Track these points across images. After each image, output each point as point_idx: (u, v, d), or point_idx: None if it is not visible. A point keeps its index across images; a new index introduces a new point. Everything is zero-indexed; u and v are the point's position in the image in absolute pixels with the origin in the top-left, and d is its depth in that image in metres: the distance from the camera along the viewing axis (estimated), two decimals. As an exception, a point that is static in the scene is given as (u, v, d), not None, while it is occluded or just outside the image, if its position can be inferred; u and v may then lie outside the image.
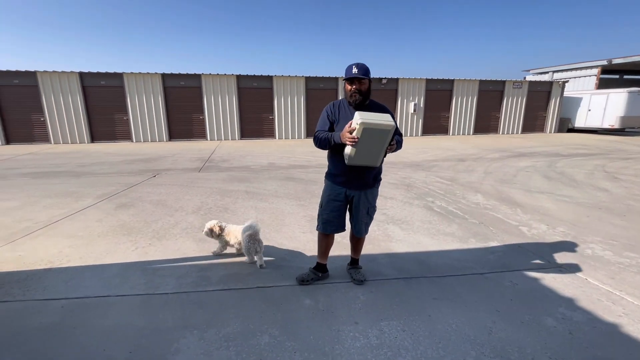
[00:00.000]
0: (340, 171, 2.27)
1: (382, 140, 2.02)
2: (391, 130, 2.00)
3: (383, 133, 1.99)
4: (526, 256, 3.09)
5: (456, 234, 3.64)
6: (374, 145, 2.03)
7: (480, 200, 5.04)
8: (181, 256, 2.98)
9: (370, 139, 1.99)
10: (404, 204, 4.82)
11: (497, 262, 2.96)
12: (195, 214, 4.19)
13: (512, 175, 6.85)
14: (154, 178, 6.60)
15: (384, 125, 1.97)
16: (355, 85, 2.14)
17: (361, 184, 2.30)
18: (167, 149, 11.15)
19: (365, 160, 2.10)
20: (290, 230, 3.63)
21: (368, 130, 1.95)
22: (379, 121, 1.98)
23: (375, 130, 1.96)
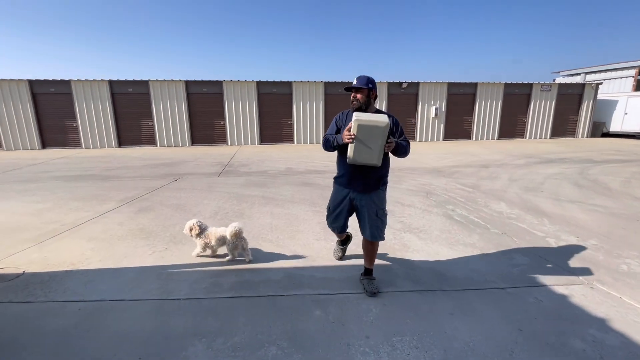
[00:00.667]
0: (343, 172, 2.47)
1: (377, 138, 2.14)
2: (384, 126, 2.12)
3: (377, 130, 2.13)
4: (553, 270, 2.89)
5: (477, 244, 3.47)
6: (370, 142, 2.16)
7: (503, 209, 4.81)
8: (195, 261, 3.01)
9: (367, 136, 2.15)
10: (423, 211, 4.67)
11: (521, 276, 2.79)
12: (212, 218, 4.25)
13: (539, 182, 6.51)
14: (175, 182, 6.78)
15: (377, 122, 2.13)
16: (353, 94, 2.38)
17: (363, 185, 2.40)
18: (189, 153, 11.47)
19: (365, 158, 2.21)
20: (304, 238, 3.60)
21: (362, 127, 2.13)
22: (372, 118, 2.16)
23: (369, 127, 2.13)
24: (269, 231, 3.78)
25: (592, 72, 21.44)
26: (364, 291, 2.53)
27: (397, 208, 4.81)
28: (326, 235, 3.64)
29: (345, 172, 2.44)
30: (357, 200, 2.45)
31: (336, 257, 3.06)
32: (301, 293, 2.53)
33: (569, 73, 23.65)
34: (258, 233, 3.72)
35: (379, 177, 2.43)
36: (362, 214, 2.47)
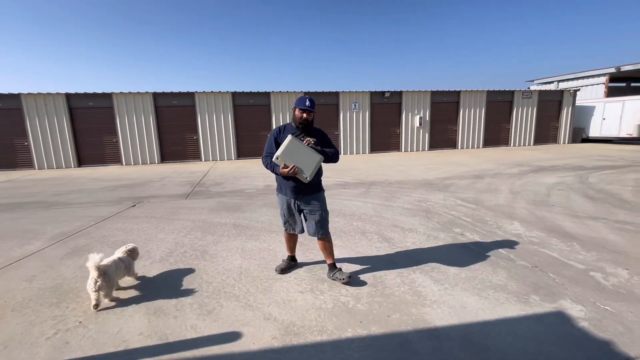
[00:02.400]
0: (278, 183, 2.85)
1: (297, 151, 2.53)
2: (290, 140, 2.52)
3: (290, 146, 2.52)
4: (625, 327, 2.13)
5: (509, 287, 2.68)
6: (298, 157, 2.54)
7: (520, 230, 4.09)
8: (121, 347, 2.03)
9: (292, 156, 2.53)
10: (428, 238, 3.88)
11: (587, 341, 2.00)
12: (162, 263, 3.27)
13: (545, 195, 5.91)
14: (133, 208, 5.73)
15: (285, 144, 2.53)
16: (306, 115, 2.68)
17: (297, 191, 2.72)
18: (158, 172, 10.34)
19: (306, 170, 2.55)
20: (284, 289, 2.69)
21: (284, 154, 2.52)
22: (283, 145, 2.55)
23: (286, 150, 2.52)
24: (236, 280, 2.85)
25: (565, 79, 21.95)
26: (338, 281, 2.74)
27: (397, 234, 4.00)
28: (314, 284, 2.75)
29: (280, 183, 2.81)
30: (300, 204, 2.77)
31: (277, 270, 2.99)
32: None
33: (543, 81, 24.19)
34: (220, 284, 2.78)
35: (314, 183, 2.68)
36: (306, 215, 2.80)
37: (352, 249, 3.58)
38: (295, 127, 2.72)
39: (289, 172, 2.49)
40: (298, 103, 2.67)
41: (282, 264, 3.02)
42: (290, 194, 2.72)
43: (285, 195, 2.78)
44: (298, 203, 2.74)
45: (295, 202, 2.75)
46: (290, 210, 2.80)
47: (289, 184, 2.69)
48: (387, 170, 9.48)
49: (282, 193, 2.81)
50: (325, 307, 2.39)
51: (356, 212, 5.05)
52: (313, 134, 2.72)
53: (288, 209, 2.80)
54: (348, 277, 2.72)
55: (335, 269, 2.83)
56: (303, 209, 2.77)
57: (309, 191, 2.71)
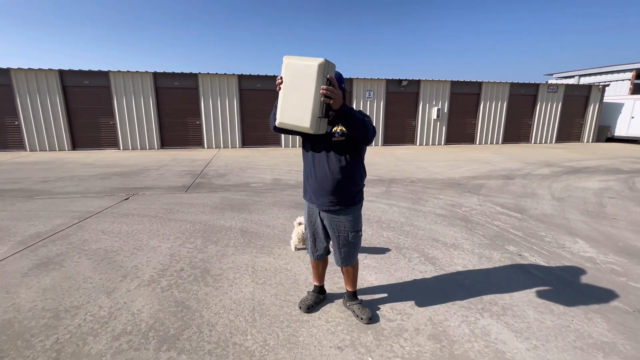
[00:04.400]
0: (304, 183, 2.05)
1: (308, 85, 1.59)
2: (316, 66, 1.56)
3: (308, 71, 1.58)
4: None
5: (622, 348, 1.96)
6: (301, 92, 1.62)
7: (590, 251, 3.35)
8: None
9: (297, 83, 1.63)
10: (480, 259, 3.15)
11: None
12: (151, 287, 2.55)
13: (597, 204, 5.15)
14: (124, 202, 5.01)
15: (308, 61, 1.59)
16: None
17: (330, 201, 1.93)
18: (156, 158, 9.60)
19: (294, 118, 1.67)
20: (315, 342, 1.96)
21: (290, 66, 1.64)
22: (304, 58, 1.62)
23: (298, 68, 1.61)
24: (249, 322, 2.12)
25: (587, 74, 20.83)
26: (356, 317, 2.16)
27: (440, 252, 3.27)
28: (354, 334, 2.03)
29: (306, 184, 2.02)
30: (325, 219, 2.03)
31: (302, 307, 2.23)
32: None
33: (562, 75, 23.04)
34: (227, 329, 2.06)
35: (352, 193, 1.95)
36: (330, 234, 2.07)
37: (390, 272, 2.86)
38: None
39: (278, 83, 1.69)
40: None
41: (308, 298, 2.29)
42: (315, 201, 1.99)
43: (309, 201, 2.07)
44: (322, 216, 2.04)
45: (319, 214, 2.04)
46: (313, 225, 2.10)
47: (312, 185, 1.95)
48: (406, 165, 8.70)
49: (307, 199, 2.08)
50: (378, 379, 1.67)
51: (383, 217, 4.31)
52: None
53: (310, 220, 2.11)
54: (369, 318, 2.12)
55: (356, 300, 2.24)
56: (325, 225, 2.06)
57: (341, 200, 1.93)
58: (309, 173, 1.97)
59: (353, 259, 2.11)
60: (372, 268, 2.92)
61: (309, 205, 2.09)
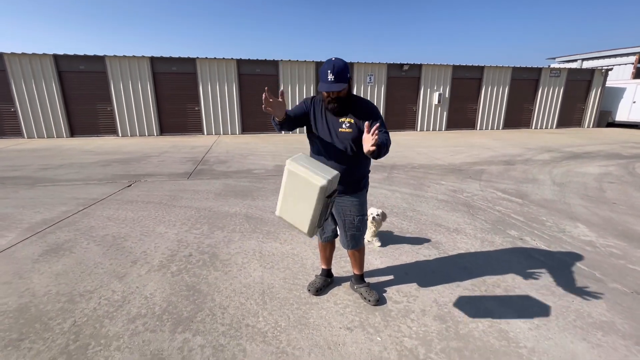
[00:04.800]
0: None
1: (309, 199, 1.56)
2: (318, 187, 1.52)
3: (309, 189, 1.54)
4: None
5: (620, 327, 2.03)
6: (300, 201, 1.60)
7: (590, 235, 3.42)
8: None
9: (298, 192, 1.60)
10: (482, 243, 3.21)
11: None
12: (162, 272, 2.60)
13: (597, 189, 5.20)
14: (128, 189, 5.03)
15: (311, 178, 1.54)
16: (332, 95, 1.83)
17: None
18: (156, 145, 9.55)
19: (293, 218, 1.67)
20: (325, 323, 2.03)
21: (293, 176, 1.60)
22: (310, 169, 1.57)
23: (300, 181, 1.57)
24: (260, 305, 2.18)
25: (589, 58, 20.54)
26: (364, 300, 2.23)
27: (443, 237, 3.33)
28: (362, 315, 2.09)
29: None
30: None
31: (311, 290, 2.30)
32: None
33: (564, 59, 22.72)
34: (239, 312, 2.12)
35: (357, 179, 2.01)
36: (336, 218, 2.12)
37: (394, 256, 2.92)
38: (327, 109, 1.90)
39: (266, 106, 1.68)
40: (321, 77, 1.80)
41: (316, 281, 2.35)
42: None
43: None
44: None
45: None
46: None
47: None
48: (406, 151, 8.70)
49: None
50: (387, 357, 1.73)
51: (386, 203, 4.35)
52: (353, 111, 1.88)
53: None
54: (376, 300, 2.20)
55: (363, 283, 2.31)
56: (333, 210, 2.09)
57: (346, 190, 1.98)
58: (316, 159, 1.98)
59: (360, 242, 2.15)
60: (377, 252, 2.97)
61: None
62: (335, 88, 1.76)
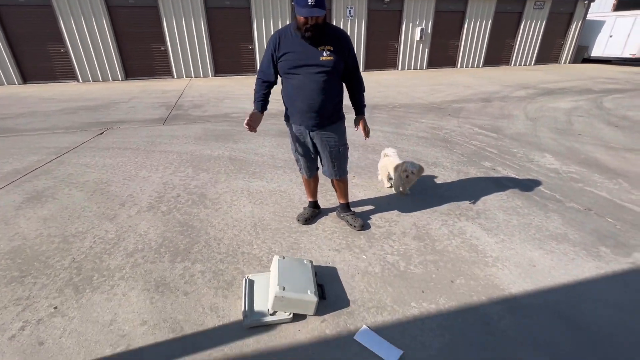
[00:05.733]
0: (288, 106, 2.08)
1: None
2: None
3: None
4: None
5: (571, 236, 2.33)
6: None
7: (555, 164, 3.70)
8: (120, 347, 1.52)
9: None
10: (458, 174, 3.42)
11: (686, 308, 1.72)
12: (152, 211, 2.64)
13: (565, 122, 5.47)
14: (100, 137, 4.81)
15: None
16: (311, 22, 1.75)
17: (315, 119, 2.01)
18: (123, 91, 8.89)
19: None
20: (315, 247, 2.20)
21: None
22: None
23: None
24: (253, 235, 2.31)
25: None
26: (350, 226, 2.39)
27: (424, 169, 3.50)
28: (349, 238, 2.28)
29: (291, 107, 2.05)
30: (315, 138, 2.12)
31: (300, 220, 2.45)
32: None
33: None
34: (234, 242, 2.25)
35: (336, 108, 2.07)
36: (321, 152, 2.18)
37: (377, 189, 3.08)
38: (298, 34, 1.82)
39: (248, 124, 1.86)
40: (297, 2, 1.70)
41: (305, 212, 2.48)
42: (302, 122, 2.03)
43: (295, 124, 2.09)
44: (311, 135, 2.09)
45: (309, 134, 2.09)
46: (303, 145, 2.17)
47: (299, 108, 1.97)
48: (387, 91, 8.59)
49: (292, 122, 2.11)
50: (372, 271, 1.95)
51: (368, 142, 4.43)
52: (329, 40, 1.85)
53: (299, 143, 2.17)
54: (361, 226, 2.36)
55: (349, 211, 2.46)
56: (316, 143, 2.13)
57: (326, 121, 2.03)
58: (294, 97, 1.96)
59: (345, 171, 2.27)
60: (361, 186, 3.12)
61: (296, 128, 2.11)
62: (317, 13, 1.69)
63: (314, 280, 1.69)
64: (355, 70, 2.04)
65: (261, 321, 1.53)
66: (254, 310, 1.58)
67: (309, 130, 2.06)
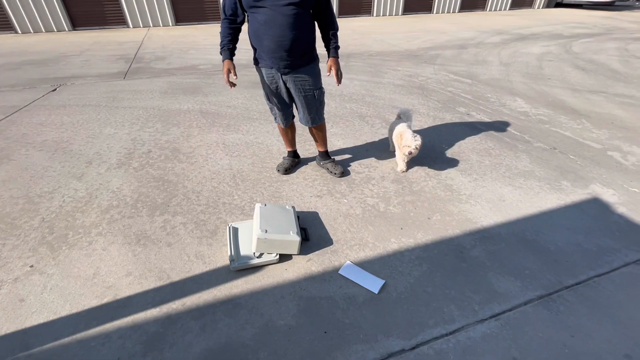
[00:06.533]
0: (257, 48, 1.93)
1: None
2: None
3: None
4: (658, 210, 2.08)
5: (537, 173, 2.48)
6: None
7: (525, 107, 3.81)
8: (107, 298, 1.52)
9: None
10: (434, 120, 3.46)
11: (633, 229, 1.93)
12: (123, 168, 2.51)
13: (537, 66, 5.55)
14: (54, 93, 4.39)
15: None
16: None
17: (287, 61, 1.89)
18: (72, 43, 7.96)
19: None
20: (297, 195, 2.21)
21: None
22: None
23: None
24: (232, 186, 2.28)
25: None
26: (330, 173, 2.40)
27: (400, 117, 3.50)
28: (330, 185, 2.30)
29: (259, 47, 1.90)
30: (288, 82, 2.00)
31: (280, 170, 2.43)
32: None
33: None
34: (214, 193, 2.21)
35: (310, 47, 1.94)
36: (295, 97, 2.08)
37: (355, 137, 3.07)
38: None
39: (228, 79, 1.90)
40: None
41: (284, 162, 2.45)
42: (273, 64, 1.89)
43: (266, 67, 1.95)
44: (284, 79, 1.97)
45: (281, 78, 1.97)
46: (276, 91, 2.05)
47: (268, 47, 1.82)
48: (363, 39, 8.23)
49: (263, 65, 1.97)
50: (354, 213, 2.00)
51: (344, 91, 4.33)
52: None
53: (272, 90, 2.04)
54: (341, 173, 2.37)
55: (329, 159, 2.45)
56: (289, 87, 2.03)
57: (298, 61, 1.90)
58: (262, 35, 1.81)
59: (322, 117, 2.21)
60: (339, 135, 3.09)
61: (267, 72, 1.97)
62: None
63: (297, 223, 1.72)
64: (328, 5, 1.90)
65: (248, 264, 1.56)
66: (240, 254, 1.61)
67: (282, 73, 1.94)
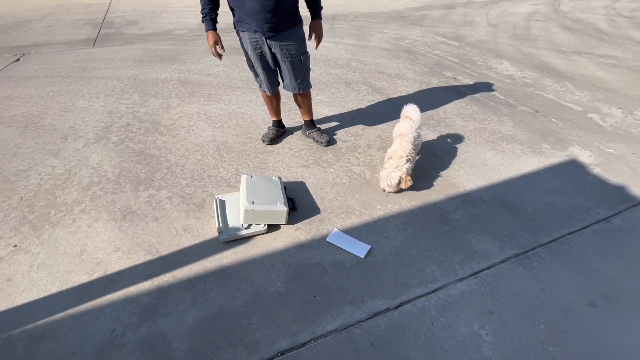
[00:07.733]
0: (239, 12, 1.85)
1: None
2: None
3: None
4: (633, 171, 2.17)
5: (519, 137, 2.53)
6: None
7: (511, 70, 3.79)
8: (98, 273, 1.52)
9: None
10: (420, 85, 3.42)
11: (606, 189, 2.02)
12: (102, 142, 2.42)
13: (524, 27, 5.45)
14: (18, 64, 4.09)
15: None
16: None
17: (271, 23, 1.81)
18: (32, 6, 7.27)
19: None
20: (284, 165, 2.19)
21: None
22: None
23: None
24: (217, 158, 2.24)
25: None
26: (316, 143, 2.37)
27: (386, 83, 3.44)
28: (316, 154, 2.29)
29: (240, 9, 1.81)
30: (273, 47, 1.93)
31: (265, 140, 2.37)
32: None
33: None
34: (199, 166, 2.17)
35: (289, 9, 1.84)
36: (281, 63, 2.01)
37: (341, 104, 3.02)
38: None
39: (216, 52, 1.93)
40: None
41: (269, 132, 2.41)
42: (257, 27, 1.80)
43: (249, 31, 1.86)
44: (269, 43, 1.89)
45: (266, 42, 1.88)
46: (261, 56, 1.96)
47: (251, 9, 1.73)
48: (347, -1, 7.83)
49: (245, 29, 1.88)
50: (340, 182, 2.02)
51: (329, 56, 4.18)
52: None
53: (255, 53, 1.95)
54: (327, 142, 2.34)
55: (314, 128, 2.41)
56: (275, 53, 1.94)
57: (283, 23, 1.82)
58: None
59: (308, 83, 2.16)
60: (325, 103, 3.03)
61: (251, 36, 1.88)
62: None
63: (284, 193, 1.73)
64: None
65: (237, 235, 1.58)
66: (228, 226, 1.62)
67: (266, 37, 1.85)
